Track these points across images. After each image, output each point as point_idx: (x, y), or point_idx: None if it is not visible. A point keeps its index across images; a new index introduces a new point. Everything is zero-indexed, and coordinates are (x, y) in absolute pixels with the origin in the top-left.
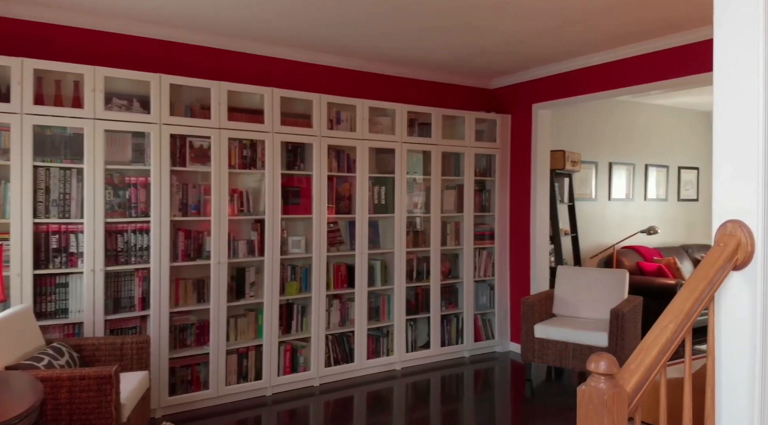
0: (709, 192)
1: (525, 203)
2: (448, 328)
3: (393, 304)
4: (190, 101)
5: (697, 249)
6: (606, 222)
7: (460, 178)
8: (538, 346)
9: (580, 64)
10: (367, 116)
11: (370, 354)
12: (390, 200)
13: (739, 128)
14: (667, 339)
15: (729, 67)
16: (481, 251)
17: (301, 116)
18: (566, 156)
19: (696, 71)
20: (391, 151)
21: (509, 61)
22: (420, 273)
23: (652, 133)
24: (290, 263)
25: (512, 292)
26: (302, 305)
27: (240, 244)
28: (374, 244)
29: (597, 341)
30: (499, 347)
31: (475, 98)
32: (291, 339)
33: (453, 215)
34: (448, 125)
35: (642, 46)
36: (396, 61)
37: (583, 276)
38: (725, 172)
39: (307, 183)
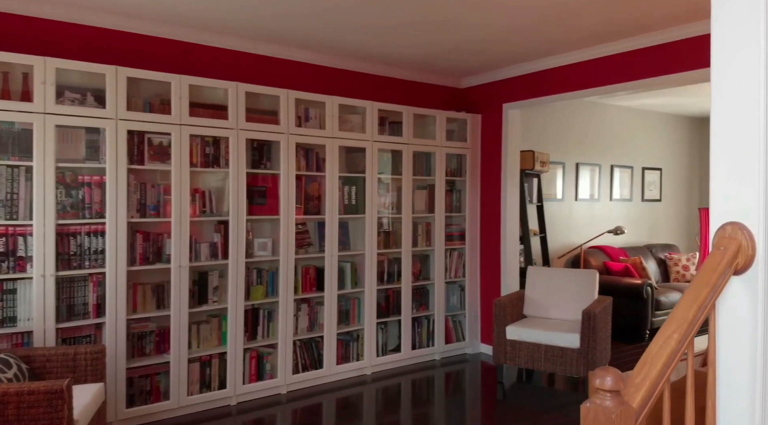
0: (671, 192)
1: (495, 204)
2: (419, 331)
3: (363, 307)
4: (149, 96)
5: (661, 249)
6: (573, 222)
7: (431, 178)
8: (509, 348)
9: (551, 64)
10: (336, 113)
11: (340, 360)
12: (361, 201)
13: (739, 126)
14: (672, 350)
15: (727, 63)
16: (452, 251)
17: (268, 112)
18: (535, 156)
19: (666, 72)
20: (362, 150)
21: (481, 60)
22: (391, 275)
23: (617, 134)
24: (256, 266)
25: (482, 293)
26: (269, 310)
27: (202, 247)
28: (344, 246)
29: (569, 342)
30: (470, 348)
31: (445, 97)
32: (257, 346)
33: (424, 215)
34: (419, 124)
35: (613, 46)
36: (366, 58)
37: (553, 277)
38: (723, 172)
39: (273, 183)
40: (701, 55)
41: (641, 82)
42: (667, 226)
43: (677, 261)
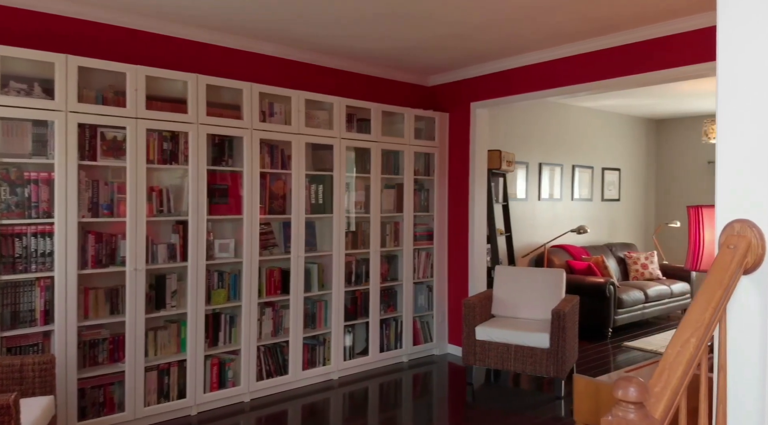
0: (629, 192)
1: (463, 203)
2: (386, 333)
3: (330, 310)
4: (102, 87)
5: (620, 248)
6: (536, 222)
7: (400, 177)
8: (479, 349)
9: (519, 63)
10: (303, 108)
11: (306, 365)
12: (328, 200)
13: (747, 120)
14: (690, 356)
15: (734, 56)
16: (420, 251)
17: (230, 106)
18: (502, 156)
19: (634, 72)
20: (329, 147)
21: (449, 58)
22: (359, 276)
23: (578, 135)
24: (217, 268)
25: (450, 293)
26: (231, 314)
27: (160, 248)
28: (311, 246)
29: (539, 342)
30: (437, 349)
31: (413, 95)
32: (218, 352)
33: (392, 215)
34: (387, 122)
35: (581, 45)
36: (333, 52)
37: (521, 276)
38: (731, 167)
39: (236, 180)
40: (669, 54)
41: (609, 82)
42: (625, 225)
43: (636, 260)
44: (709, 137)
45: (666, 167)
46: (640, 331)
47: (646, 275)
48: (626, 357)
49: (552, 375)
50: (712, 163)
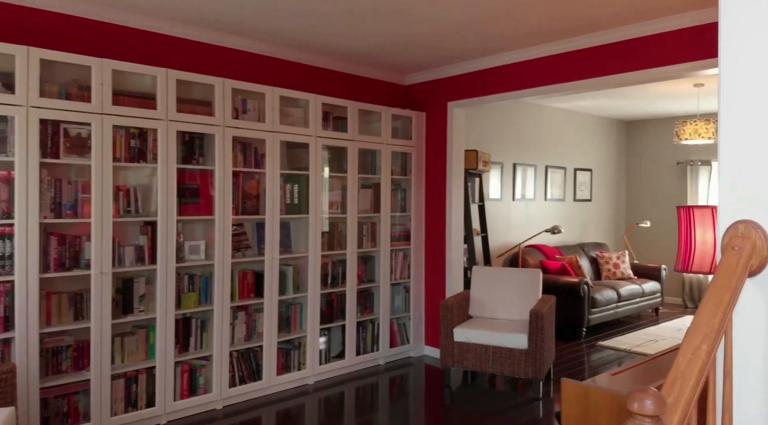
0: (600, 193)
1: (441, 203)
2: (363, 335)
3: (306, 313)
4: (66, 81)
5: (592, 247)
6: (510, 222)
7: (377, 176)
8: (457, 350)
9: (497, 62)
10: (277, 105)
11: (280, 370)
12: (303, 200)
13: (750, 119)
14: (703, 363)
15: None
16: (397, 252)
17: (201, 102)
18: (479, 156)
19: (611, 72)
20: (305, 145)
21: (426, 56)
22: (335, 278)
23: (552, 135)
24: (187, 271)
25: (427, 294)
26: (202, 319)
27: (127, 250)
28: (286, 248)
29: (517, 343)
30: (414, 351)
31: (389, 94)
32: (189, 359)
33: (369, 215)
34: (363, 121)
35: (559, 44)
36: (308, 48)
37: (498, 277)
38: (733, 166)
39: (207, 180)
40: (647, 55)
41: (586, 83)
42: (596, 225)
43: (608, 260)
44: (680, 138)
45: (636, 168)
46: (613, 330)
47: (618, 274)
48: (601, 357)
49: (530, 376)
50: (681, 164)
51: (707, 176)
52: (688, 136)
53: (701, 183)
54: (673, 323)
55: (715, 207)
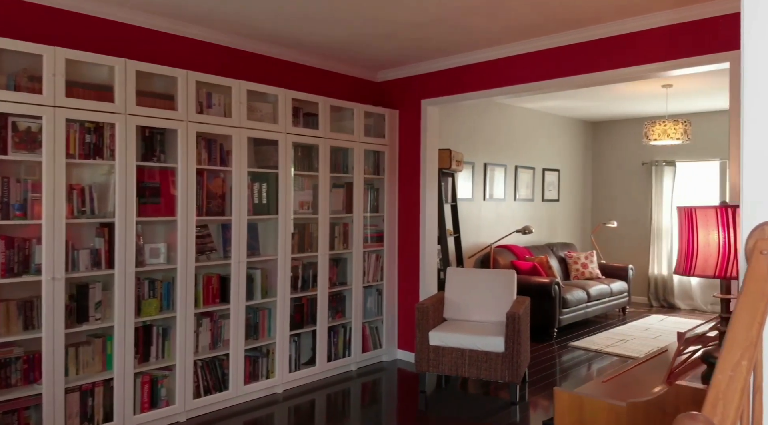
0: (567, 193)
1: (414, 203)
2: (335, 340)
3: (275, 319)
4: (15, 71)
5: (560, 247)
6: (481, 222)
7: (349, 176)
8: (432, 354)
9: (472, 60)
10: (245, 100)
11: (248, 379)
12: (272, 199)
13: None
14: (745, 381)
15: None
16: (370, 254)
17: (163, 96)
18: (452, 155)
19: (593, 70)
20: (274, 142)
21: (400, 52)
22: (306, 282)
23: (521, 135)
24: (148, 276)
25: (400, 296)
26: (164, 327)
27: (81, 254)
28: (253, 250)
29: (494, 346)
30: (387, 356)
31: (361, 91)
32: (150, 369)
33: (341, 215)
34: (335, 118)
35: (537, 42)
36: (277, 41)
37: (472, 278)
38: (758, 165)
39: (169, 178)
40: (628, 53)
41: (564, 81)
42: (564, 225)
43: (576, 259)
44: (649, 139)
45: (602, 169)
46: (583, 330)
47: (586, 274)
48: (573, 357)
49: (507, 379)
50: (646, 164)
51: (671, 177)
52: (657, 136)
53: (666, 184)
54: (640, 322)
55: (720, 207)
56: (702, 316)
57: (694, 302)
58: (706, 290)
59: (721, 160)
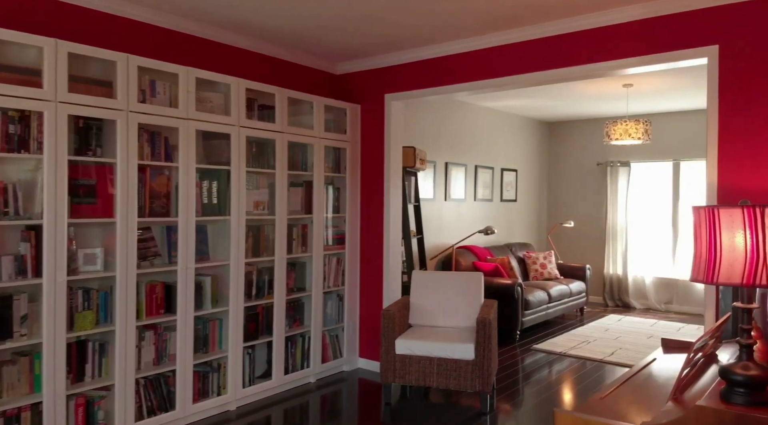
0: (525, 193)
1: (378, 203)
2: (292, 351)
3: (227, 330)
4: None
5: (519, 247)
6: (443, 223)
7: (309, 173)
8: (399, 364)
9: (440, 52)
10: (193, 88)
11: (197, 397)
12: (224, 199)
13: None
14: None
15: None
16: (331, 257)
17: (100, 82)
18: (416, 153)
19: (564, 64)
20: (226, 136)
21: (362, 42)
22: (261, 288)
23: (481, 134)
24: (82, 285)
25: (363, 302)
26: (101, 342)
27: (4, 261)
28: (202, 255)
29: (464, 354)
30: (347, 365)
31: (320, 84)
32: (85, 390)
33: (300, 216)
34: (292, 113)
35: (508, 34)
36: (230, 26)
37: (439, 281)
38: None
39: (106, 175)
40: (600, 48)
41: (535, 76)
42: (521, 225)
43: (535, 260)
44: (610, 138)
45: (558, 169)
46: (544, 332)
47: (545, 274)
48: (537, 361)
49: (478, 389)
50: (602, 164)
51: (626, 177)
52: (619, 136)
53: (621, 184)
54: (598, 323)
55: (747, 207)
56: (656, 315)
57: (648, 301)
58: (660, 289)
59: (674, 160)
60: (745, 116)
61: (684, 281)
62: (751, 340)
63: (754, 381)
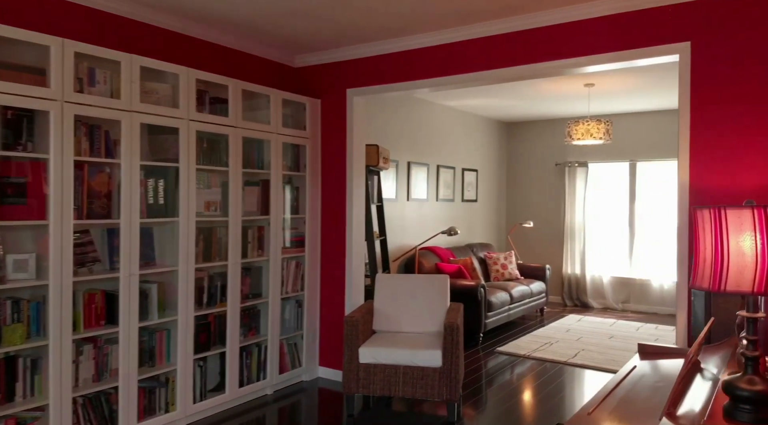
0: (485, 193)
1: (340, 204)
2: (247, 362)
3: (175, 341)
4: None
5: (480, 248)
6: (405, 223)
7: (265, 171)
8: (363, 374)
9: (404, 46)
10: (137, 78)
11: (142, 415)
12: (172, 199)
13: None
14: None
15: None
16: (289, 261)
17: (31, 69)
18: (380, 152)
19: (532, 60)
20: (174, 131)
21: (321, 33)
22: (213, 296)
23: (442, 134)
24: (11, 295)
25: (323, 307)
26: (33, 358)
27: None
28: (148, 260)
29: (431, 361)
30: (307, 375)
31: (277, 77)
32: (16, 412)
33: (256, 218)
34: (247, 107)
35: (475, 29)
36: (178, 11)
37: (404, 284)
38: None
39: (39, 172)
40: (568, 43)
41: (503, 72)
42: (481, 225)
43: (496, 260)
44: (572, 138)
45: (517, 169)
46: (506, 334)
47: (506, 275)
48: (502, 364)
49: (445, 397)
50: (560, 165)
51: (584, 178)
52: (581, 136)
53: (578, 184)
54: (559, 323)
55: (757, 208)
56: (614, 315)
57: (606, 301)
58: (617, 288)
59: (630, 161)
60: (717, 113)
61: (641, 280)
62: (757, 352)
63: (761, 397)
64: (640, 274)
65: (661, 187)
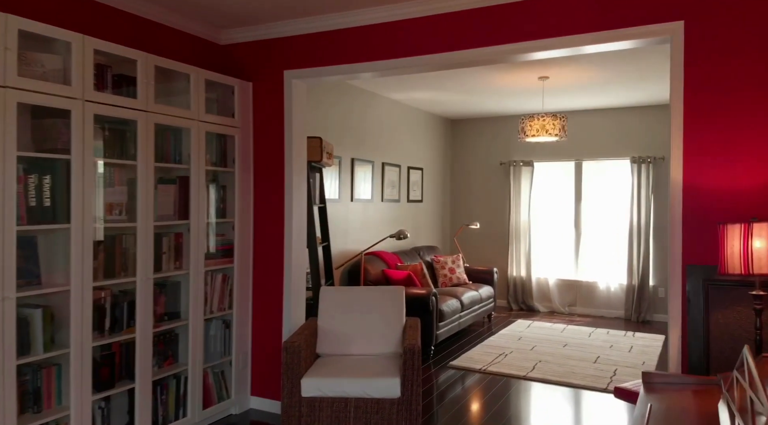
0: (430, 193)
1: (277, 205)
2: (163, 398)
3: (68, 379)
4: None
5: (427, 251)
6: (349, 226)
7: (184, 166)
8: (306, 409)
9: (354, 21)
10: (15, 46)
11: None
12: (61, 200)
13: None
14: None
15: None
16: (215, 274)
17: None
18: (323, 146)
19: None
20: (65, 114)
21: (254, 2)
22: (118, 320)
23: (387, 129)
24: None
25: (255, 327)
26: None
27: None
28: (29, 279)
29: (388, 391)
30: (236, 407)
31: (198, 54)
32: None
33: (173, 222)
34: (163, 91)
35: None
36: None
37: (353, 299)
38: None
39: None
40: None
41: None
42: (427, 227)
43: (444, 264)
44: (526, 135)
45: (462, 168)
46: (456, 345)
47: (454, 280)
48: (456, 381)
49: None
50: (504, 164)
51: (529, 177)
52: (536, 132)
53: (523, 184)
54: (508, 330)
55: None
56: (561, 319)
57: (552, 304)
58: (563, 291)
59: (576, 160)
60: (714, 102)
61: (587, 282)
62: None
63: None
64: (586, 276)
65: (607, 187)
